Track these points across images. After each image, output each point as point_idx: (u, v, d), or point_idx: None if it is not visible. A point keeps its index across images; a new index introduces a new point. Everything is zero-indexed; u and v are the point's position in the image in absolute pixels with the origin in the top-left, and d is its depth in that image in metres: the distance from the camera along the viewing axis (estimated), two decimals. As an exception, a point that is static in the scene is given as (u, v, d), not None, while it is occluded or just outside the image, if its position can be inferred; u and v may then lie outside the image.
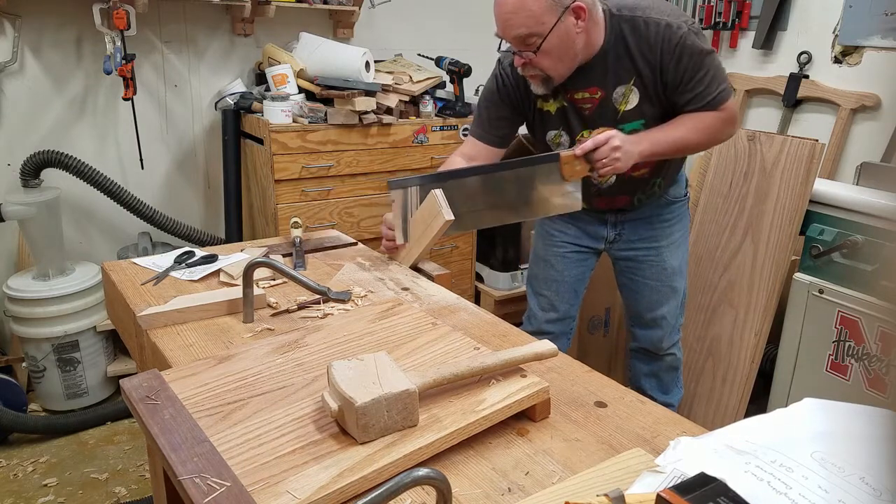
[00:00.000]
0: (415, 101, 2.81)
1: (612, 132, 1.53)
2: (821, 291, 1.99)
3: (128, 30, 2.37)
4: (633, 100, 1.60)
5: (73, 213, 2.69)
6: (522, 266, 2.90)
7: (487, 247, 2.99)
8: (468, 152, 1.77)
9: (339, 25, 3.04)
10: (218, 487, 0.71)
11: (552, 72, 1.55)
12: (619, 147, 1.51)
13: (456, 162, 1.76)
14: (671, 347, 1.92)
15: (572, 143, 1.71)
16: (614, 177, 1.68)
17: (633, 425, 0.92)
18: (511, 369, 0.94)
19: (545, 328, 1.92)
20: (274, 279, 1.40)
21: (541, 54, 1.51)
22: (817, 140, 2.10)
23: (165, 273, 1.41)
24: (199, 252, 1.52)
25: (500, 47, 1.64)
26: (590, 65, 1.58)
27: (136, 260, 1.51)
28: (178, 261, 1.47)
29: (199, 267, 1.46)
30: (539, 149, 1.81)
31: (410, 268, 1.52)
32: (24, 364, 2.50)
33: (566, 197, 1.60)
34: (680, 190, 1.84)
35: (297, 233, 1.64)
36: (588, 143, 1.52)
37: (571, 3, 1.47)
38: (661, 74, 1.57)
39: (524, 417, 0.92)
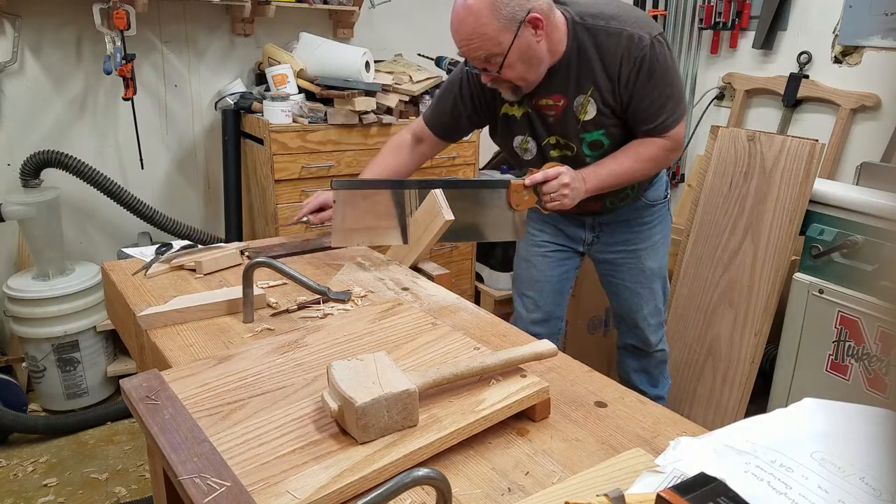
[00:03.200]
0: (415, 101, 2.81)
1: (563, 168, 1.52)
2: (821, 291, 1.99)
3: (128, 30, 2.37)
4: (591, 111, 1.57)
5: (73, 213, 2.69)
6: (522, 266, 2.89)
7: (487, 247, 2.99)
8: (418, 133, 1.78)
9: (339, 25, 3.04)
10: (218, 487, 0.71)
11: (521, 81, 1.53)
12: (569, 184, 1.51)
13: (402, 139, 1.78)
14: (658, 343, 1.93)
15: (539, 150, 1.69)
16: None
17: (633, 425, 0.92)
18: (511, 369, 0.94)
19: (531, 329, 1.91)
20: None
21: (505, 70, 1.49)
22: (817, 140, 2.10)
23: (150, 263, 1.44)
24: (177, 244, 1.57)
25: (466, 62, 1.63)
26: (554, 70, 1.55)
27: (126, 249, 1.53)
28: (160, 253, 1.51)
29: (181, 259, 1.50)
30: (507, 154, 1.79)
31: (410, 268, 1.52)
32: (24, 364, 2.50)
33: (510, 225, 1.58)
34: (659, 193, 1.82)
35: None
36: (538, 176, 1.52)
37: (526, 16, 1.44)
38: (619, 86, 1.53)
39: (524, 417, 0.92)
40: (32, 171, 2.41)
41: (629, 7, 1.58)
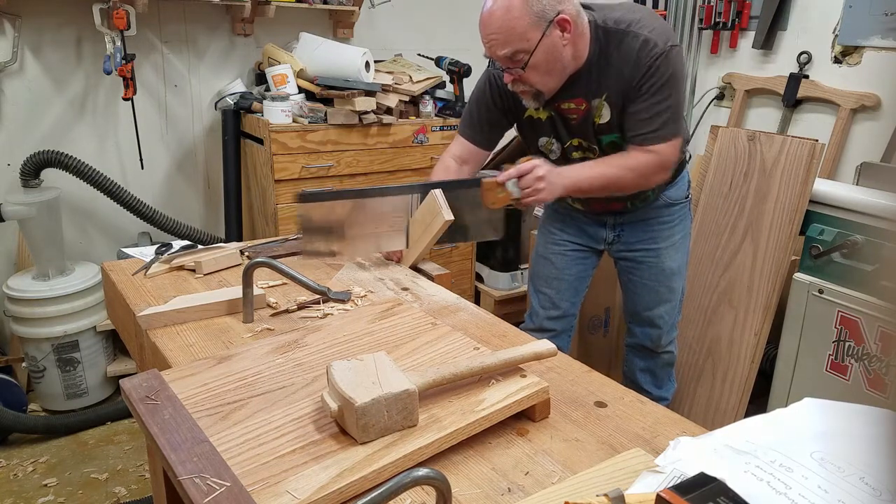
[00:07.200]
0: (415, 101, 2.81)
1: (538, 161, 1.52)
2: (821, 291, 1.99)
3: (128, 30, 2.37)
4: (605, 114, 1.59)
5: (73, 213, 2.69)
6: (522, 266, 2.90)
7: (487, 247, 2.99)
8: (460, 154, 1.77)
9: (339, 25, 3.04)
10: (218, 487, 0.71)
11: (542, 86, 1.54)
12: (544, 177, 1.50)
13: (447, 164, 1.76)
14: (668, 345, 1.93)
15: (563, 151, 1.71)
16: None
17: (633, 425, 0.92)
18: (511, 369, 0.94)
19: (546, 325, 1.92)
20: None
21: (529, 70, 1.49)
22: (817, 140, 2.10)
23: (150, 263, 1.44)
24: (176, 244, 1.58)
25: (490, 63, 1.64)
26: (576, 75, 1.56)
27: (126, 249, 1.54)
28: (160, 253, 1.52)
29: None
30: (532, 153, 1.80)
31: (410, 268, 1.52)
32: (24, 364, 2.50)
33: (486, 225, 1.57)
34: (680, 192, 1.83)
35: None
36: (512, 171, 1.51)
37: (556, 17, 1.45)
38: (629, 90, 1.54)
39: (524, 417, 0.92)
40: (32, 171, 2.41)
41: (652, 15, 1.58)
